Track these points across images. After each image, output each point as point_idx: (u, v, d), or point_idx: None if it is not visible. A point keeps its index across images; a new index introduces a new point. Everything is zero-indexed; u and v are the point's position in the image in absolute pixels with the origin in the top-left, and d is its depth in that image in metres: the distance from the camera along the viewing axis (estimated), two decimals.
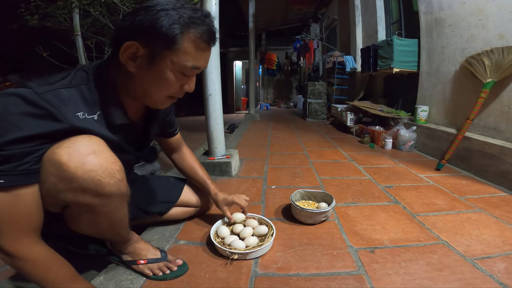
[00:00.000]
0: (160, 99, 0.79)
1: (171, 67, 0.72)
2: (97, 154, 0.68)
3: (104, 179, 0.68)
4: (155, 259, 0.95)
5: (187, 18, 0.69)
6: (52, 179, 0.66)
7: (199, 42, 0.72)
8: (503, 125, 1.96)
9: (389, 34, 4.21)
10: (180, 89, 0.78)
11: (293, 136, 3.64)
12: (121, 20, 0.74)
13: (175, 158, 1.27)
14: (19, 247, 0.66)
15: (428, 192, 1.70)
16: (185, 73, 0.75)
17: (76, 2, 2.91)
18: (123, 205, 0.80)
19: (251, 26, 5.54)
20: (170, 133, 1.18)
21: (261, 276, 0.94)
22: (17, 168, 0.61)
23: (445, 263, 1.01)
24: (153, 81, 0.74)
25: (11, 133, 0.59)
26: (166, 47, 0.69)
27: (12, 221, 0.64)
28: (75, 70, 0.75)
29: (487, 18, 2.09)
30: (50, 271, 0.71)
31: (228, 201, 1.21)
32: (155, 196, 1.19)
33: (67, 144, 0.66)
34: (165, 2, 0.69)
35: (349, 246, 1.12)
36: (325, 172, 2.09)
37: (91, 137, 0.70)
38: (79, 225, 0.80)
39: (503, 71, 1.93)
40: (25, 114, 0.61)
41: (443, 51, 2.58)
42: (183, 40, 0.70)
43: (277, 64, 10.63)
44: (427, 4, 2.75)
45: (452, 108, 2.50)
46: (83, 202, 0.70)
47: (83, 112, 0.70)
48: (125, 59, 0.71)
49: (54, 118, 0.64)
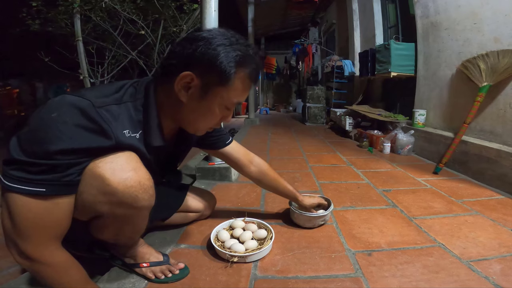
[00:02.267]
0: (204, 129, 0.84)
1: (220, 101, 0.76)
2: (136, 171, 0.71)
3: (140, 194, 0.71)
4: (158, 262, 0.96)
5: (241, 57, 0.73)
6: (92, 191, 0.68)
7: (247, 81, 0.77)
8: (500, 129, 1.98)
9: (386, 38, 4.25)
10: (219, 120, 0.83)
11: (292, 141, 3.66)
12: (177, 45, 0.75)
13: (252, 174, 1.23)
14: (44, 252, 0.67)
15: (426, 195, 1.72)
16: (229, 107, 0.79)
17: (77, 8, 2.94)
18: (147, 215, 0.85)
19: (250, 30, 5.58)
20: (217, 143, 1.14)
21: (261, 278, 0.96)
22: (61, 179, 0.62)
23: (441, 265, 1.02)
24: (202, 112, 0.78)
25: (61, 142, 0.60)
26: (221, 83, 0.73)
27: (42, 227, 0.65)
28: (127, 85, 0.77)
29: (482, 21, 2.12)
30: (67, 275, 0.73)
31: (313, 204, 1.31)
32: (159, 202, 1.20)
33: (110, 160, 0.68)
34: (221, 35, 0.73)
35: (347, 249, 1.14)
36: (324, 176, 2.11)
37: (131, 154, 0.73)
38: (104, 232, 0.83)
39: (498, 75, 1.95)
40: (80, 126, 0.62)
41: (439, 55, 2.61)
42: (235, 78, 0.73)
43: (276, 69, 10.66)
44: (424, 8, 2.78)
45: (449, 112, 2.52)
46: (117, 213, 0.73)
47: (128, 130, 0.72)
48: (179, 88, 0.73)
49: (106, 134, 0.66)
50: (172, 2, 3.39)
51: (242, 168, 1.23)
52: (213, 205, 1.39)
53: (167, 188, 1.28)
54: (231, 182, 1.96)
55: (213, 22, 1.84)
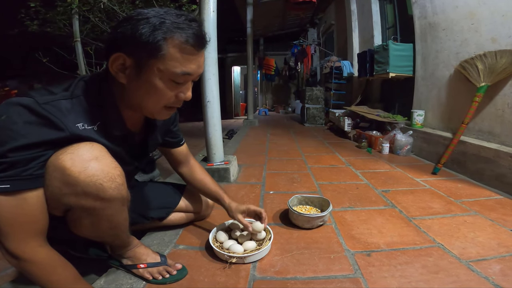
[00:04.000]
0: (156, 109, 0.78)
1: (160, 75, 0.71)
2: (98, 159, 0.70)
3: (105, 183, 0.70)
4: (155, 263, 0.96)
5: (170, 24, 0.68)
6: (56, 183, 0.68)
7: (185, 47, 0.70)
8: (498, 129, 1.98)
9: (385, 39, 4.26)
10: (176, 98, 0.77)
11: (291, 142, 3.66)
12: (109, 33, 0.74)
13: (183, 172, 1.23)
14: (25, 249, 0.68)
15: (425, 196, 1.72)
16: (176, 80, 0.73)
17: (75, 8, 2.93)
18: (123, 208, 0.82)
19: (249, 31, 5.59)
20: (174, 143, 1.15)
21: (259, 279, 0.95)
22: (22, 173, 0.63)
23: (441, 265, 1.02)
24: (144, 91, 0.73)
25: (14, 141, 0.61)
26: (151, 55, 0.68)
27: (18, 224, 0.66)
28: (76, 80, 0.76)
29: (480, 22, 2.13)
30: (54, 273, 0.73)
31: (241, 210, 1.17)
32: (155, 201, 1.20)
33: (71, 150, 0.68)
34: (148, 11, 0.69)
35: (346, 250, 1.13)
36: (322, 177, 2.11)
37: (93, 144, 0.72)
38: (80, 228, 0.81)
39: (496, 75, 1.96)
40: (28, 122, 0.63)
41: (437, 55, 2.62)
42: (167, 46, 0.68)
43: (275, 70, 10.67)
44: (421, 8, 2.79)
45: (448, 112, 2.53)
46: (85, 205, 0.72)
47: (82, 123, 0.71)
48: (115, 71, 0.71)
49: (56, 127, 0.66)
50: (171, 3, 3.39)
51: (176, 167, 1.23)
52: (211, 206, 1.39)
53: (164, 188, 1.28)
54: (230, 183, 1.96)
55: (212, 22, 1.84)
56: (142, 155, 1.00)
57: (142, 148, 0.98)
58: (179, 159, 1.20)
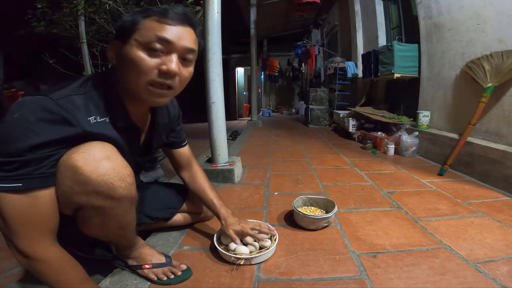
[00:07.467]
0: (141, 86, 0.74)
1: (136, 44, 0.71)
2: (110, 159, 0.71)
3: (116, 182, 0.71)
4: (160, 264, 0.96)
5: (151, 12, 0.73)
6: (67, 182, 0.68)
7: (160, 18, 0.72)
8: (505, 130, 1.96)
9: (389, 39, 4.24)
10: (159, 72, 0.73)
11: (295, 143, 3.65)
12: None
13: (185, 177, 1.22)
14: (36, 248, 0.68)
15: (431, 197, 1.70)
16: (152, 46, 0.71)
17: (81, 10, 2.96)
18: (131, 208, 0.83)
19: (252, 32, 5.59)
20: (176, 143, 1.16)
21: (264, 280, 0.95)
22: (34, 172, 0.64)
23: (448, 267, 1.01)
24: (126, 65, 0.73)
25: (29, 139, 0.62)
26: (131, 30, 0.72)
27: (30, 223, 0.67)
28: (85, 78, 0.78)
29: (486, 22, 2.11)
30: (63, 272, 0.73)
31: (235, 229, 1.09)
32: (160, 202, 1.20)
33: (82, 150, 0.69)
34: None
35: (351, 251, 1.12)
36: (327, 178, 2.10)
37: (104, 144, 0.73)
38: (89, 227, 0.82)
39: (503, 75, 1.94)
40: (42, 120, 0.64)
41: (443, 55, 2.60)
42: (144, 21, 0.72)
43: (279, 71, 10.67)
44: (426, 8, 2.77)
45: (454, 113, 2.50)
46: (95, 204, 0.73)
47: (94, 116, 0.73)
48: (111, 56, 0.76)
49: (69, 123, 0.67)
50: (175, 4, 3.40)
51: (178, 170, 1.24)
52: None
53: (169, 188, 1.29)
54: (234, 184, 1.95)
55: (216, 23, 1.85)
56: (145, 152, 1.01)
57: (146, 146, 1.00)
58: (181, 162, 1.20)
